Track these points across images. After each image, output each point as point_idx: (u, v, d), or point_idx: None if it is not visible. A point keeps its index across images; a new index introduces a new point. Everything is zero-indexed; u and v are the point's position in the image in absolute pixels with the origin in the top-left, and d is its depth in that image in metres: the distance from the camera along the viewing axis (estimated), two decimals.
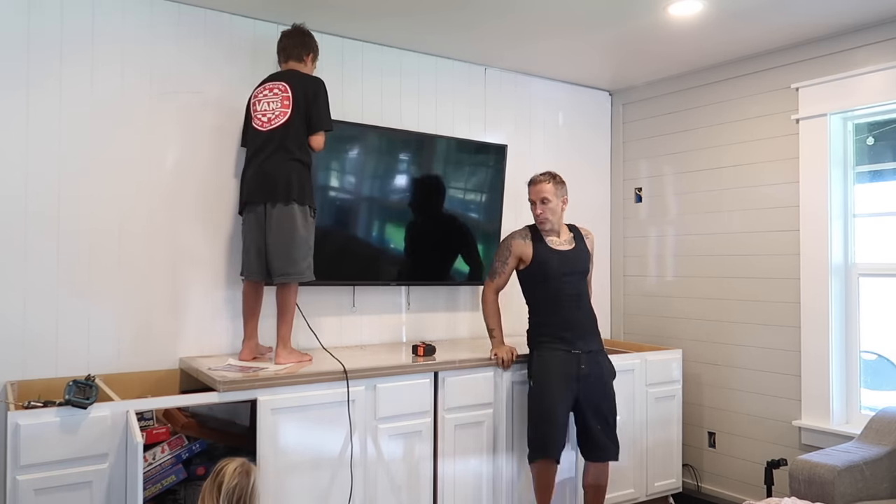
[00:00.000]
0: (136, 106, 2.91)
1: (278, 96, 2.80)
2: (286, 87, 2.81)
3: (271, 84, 2.85)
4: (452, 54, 3.72)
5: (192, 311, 3.02)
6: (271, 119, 2.78)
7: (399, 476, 2.83)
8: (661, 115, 4.20)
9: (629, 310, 4.37)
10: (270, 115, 2.79)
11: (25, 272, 2.67)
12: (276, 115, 2.78)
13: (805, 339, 3.46)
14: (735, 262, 3.79)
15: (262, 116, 2.81)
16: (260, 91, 2.87)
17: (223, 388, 2.45)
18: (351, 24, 3.26)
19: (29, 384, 2.63)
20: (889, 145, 3.35)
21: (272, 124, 2.78)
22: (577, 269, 3.02)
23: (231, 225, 3.12)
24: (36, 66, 2.69)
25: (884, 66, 3.17)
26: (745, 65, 3.74)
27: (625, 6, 3.02)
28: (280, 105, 2.79)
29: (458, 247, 3.64)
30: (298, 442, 2.58)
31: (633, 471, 3.56)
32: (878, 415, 3.00)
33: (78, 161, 2.78)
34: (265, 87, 2.86)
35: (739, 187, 3.77)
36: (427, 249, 3.53)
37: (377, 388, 2.77)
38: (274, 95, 2.81)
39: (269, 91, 2.83)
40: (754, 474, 3.68)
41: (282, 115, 2.77)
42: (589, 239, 3.14)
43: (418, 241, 3.50)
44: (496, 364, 3.03)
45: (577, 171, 4.29)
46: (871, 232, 3.37)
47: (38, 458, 2.15)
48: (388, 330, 3.55)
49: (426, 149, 3.51)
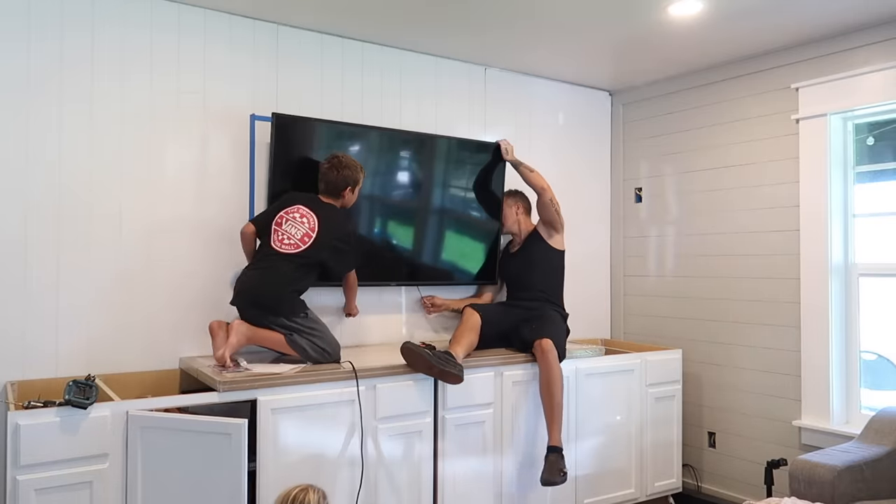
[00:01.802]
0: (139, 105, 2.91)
1: (304, 226, 2.85)
2: (316, 223, 2.87)
3: (304, 209, 2.89)
4: (452, 54, 3.72)
5: (192, 311, 3.02)
6: (284, 242, 2.83)
7: (399, 476, 2.83)
8: (661, 115, 4.20)
9: (629, 310, 4.37)
10: (288, 239, 2.84)
11: (25, 272, 2.68)
12: (292, 243, 2.83)
13: (805, 339, 3.46)
14: (735, 262, 3.79)
15: (282, 236, 2.84)
16: (293, 210, 2.89)
17: (223, 388, 2.45)
18: (351, 24, 3.26)
19: (29, 384, 2.63)
20: (889, 145, 3.35)
21: (283, 248, 2.82)
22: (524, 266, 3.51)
23: (234, 225, 3.11)
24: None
25: (884, 66, 3.17)
26: (745, 65, 3.74)
27: (625, 6, 3.02)
28: (301, 236, 2.84)
29: (457, 246, 3.64)
30: (298, 442, 2.58)
31: (633, 471, 3.56)
32: (878, 415, 3.00)
33: (76, 159, 2.78)
34: (297, 209, 2.89)
35: (740, 187, 3.77)
36: (426, 249, 3.53)
37: (377, 388, 2.77)
38: (301, 223, 2.86)
39: (300, 216, 2.87)
40: (754, 474, 3.68)
41: (297, 246, 2.83)
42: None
43: (417, 240, 3.50)
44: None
45: (577, 171, 4.29)
46: (871, 232, 3.37)
47: (38, 458, 2.15)
48: (388, 330, 3.55)
49: (426, 149, 3.51)
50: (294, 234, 2.84)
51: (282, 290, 2.79)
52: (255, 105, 3.18)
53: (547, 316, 3.32)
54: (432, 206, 3.53)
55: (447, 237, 3.58)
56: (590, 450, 3.40)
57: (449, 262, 3.59)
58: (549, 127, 4.18)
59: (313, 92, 3.33)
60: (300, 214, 2.88)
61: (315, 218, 2.88)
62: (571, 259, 4.17)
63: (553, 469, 2.93)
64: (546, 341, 3.09)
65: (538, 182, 3.44)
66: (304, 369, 2.68)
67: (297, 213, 2.89)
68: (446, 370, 2.80)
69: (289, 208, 2.91)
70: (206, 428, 2.32)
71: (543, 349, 3.07)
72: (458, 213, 3.61)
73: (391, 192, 3.41)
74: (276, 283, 2.78)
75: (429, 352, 2.80)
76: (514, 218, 3.62)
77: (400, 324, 3.59)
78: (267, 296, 2.76)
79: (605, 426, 3.46)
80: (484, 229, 3.68)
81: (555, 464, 2.94)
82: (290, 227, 2.86)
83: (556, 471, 2.93)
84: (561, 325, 3.35)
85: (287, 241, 2.83)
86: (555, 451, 2.97)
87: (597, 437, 3.43)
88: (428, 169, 3.52)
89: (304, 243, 2.83)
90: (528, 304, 3.42)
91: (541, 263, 3.48)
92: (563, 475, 2.94)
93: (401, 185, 3.44)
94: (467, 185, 3.62)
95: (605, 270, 4.45)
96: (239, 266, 3.11)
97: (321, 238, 2.85)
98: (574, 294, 4.16)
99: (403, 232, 3.46)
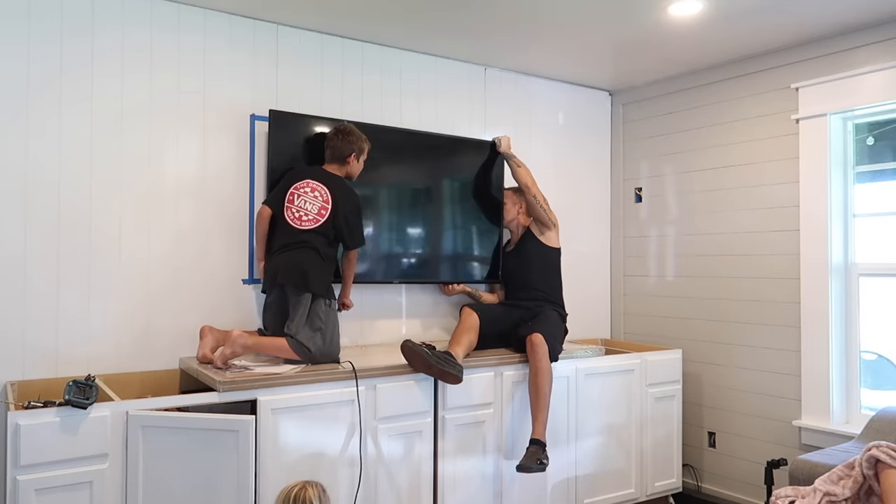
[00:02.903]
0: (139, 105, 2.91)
1: (318, 199, 2.88)
2: (328, 195, 2.89)
3: (314, 183, 2.91)
4: (452, 54, 3.72)
5: (193, 311, 3.02)
6: (303, 220, 2.86)
7: (399, 476, 2.83)
8: (661, 114, 4.20)
9: (629, 310, 4.37)
10: (305, 215, 2.86)
11: (26, 272, 2.68)
12: (310, 219, 2.86)
13: (805, 339, 3.46)
14: (735, 262, 3.79)
15: (297, 212, 2.87)
16: (302, 185, 2.90)
17: (223, 388, 2.45)
18: (351, 24, 3.26)
19: (29, 384, 2.63)
20: (889, 145, 3.35)
21: (303, 225, 2.85)
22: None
23: (233, 225, 3.12)
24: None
25: (884, 66, 3.17)
26: (745, 65, 3.74)
27: (625, 6, 3.02)
28: (318, 210, 2.87)
29: (457, 246, 3.63)
30: (299, 442, 2.58)
31: (634, 471, 3.56)
32: (878, 415, 3.00)
33: (80, 160, 2.78)
34: (307, 183, 2.91)
35: (740, 187, 3.77)
36: (425, 248, 3.53)
37: (377, 388, 2.77)
38: (314, 197, 2.88)
39: (311, 190, 2.89)
40: (754, 474, 3.68)
41: (316, 221, 2.86)
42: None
43: (416, 239, 3.50)
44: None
45: (577, 170, 4.29)
46: (871, 232, 3.37)
47: (38, 458, 2.15)
48: (388, 329, 3.55)
49: (425, 147, 3.51)
50: (310, 209, 2.86)
51: (319, 264, 2.83)
52: (255, 105, 3.18)
53: (544, 315, 3.32)
54: (431, 204, 3.53)
55: (450, 235, 3.58)
56: (590, 450, 3.40)
57: (454, 260, 3.59)
58: (549, 127, 4.18)
59: (313, 92, 3.33)
60: (311, 188, 2.90)
61: (326, 190, 2.90)
62: (572, 259, 4.19)
63: (531, 457, 2.91)
64: (537, 336, 3.10)
65: (523, 178, 3.48)
66: (304, 369, 2.68)
67: (308, 187, 2.90)
68: (445, 370, 2.80)
69: (298, 184, 2.92)
70: (212, 426, 2.32)
71: (533, 343, 3.08)
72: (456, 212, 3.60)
73: (389, 191, 3.41)
74: (313, 259, 2.82)
75: (428, 351, 2.80)
76: (514, 213, 3.62)
77: (400, 324, 3.59)
78: (307, 273, 2.78)
79: (605, 426, 3.46)
80: (487, 227, 3.67)
81: (535, 453, 2.92)
82: (303, 202, 2.87)
83: (534, 459, 2.91)
84: (557, 323, 3.35)
85: (305, 218, 2.86)
86: (536, 443, 2.96)
87: (597, 437, 3.43)
88: (426, 168, 3.52)
89: (322, 216, 2.87)
90: (527, 303, 3.43)
91: (537, 262, 3.49)
92: (540, 464, 2.90)
93: (399, 184, 3.44)
94: (464, 184, 3.62)
95: (605, 270, 4.45)
96: (238, 266, 3.12)
97: (337, 209, 2.89)
98: (574, 294, 4.17)
99: (404, 230, 3.46)
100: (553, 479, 3.26)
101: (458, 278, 3.61)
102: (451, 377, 2.83)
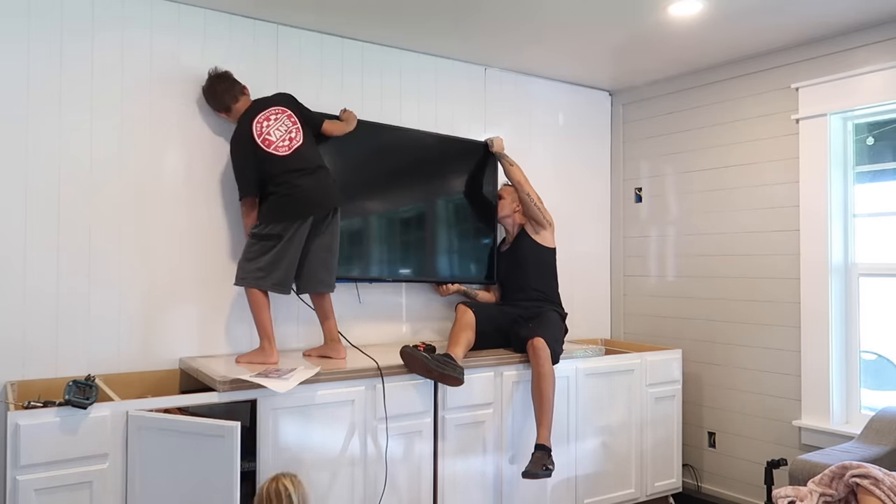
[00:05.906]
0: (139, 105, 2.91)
1: (280, 119, 2.87)
2: (282, 108, 2.91)
3: (265, 113, 2.89)
4: (452, 54, 3.72)
5: (193, 310, 3.02)
6: (290, 142, 2.86)
7: (399, 476, 2.83)
8: (661, 115, 4.20)
9: (629, 310, 4.37)
10: (286, 138, 2.86)
11: (26, 272, 2.68)
12: (293, 137, 2.87)
13: (805, 339, 3.46)
14: (735, 262, 3.79)
15: (281, 142, 2.85)
16: (257, 123, 2.87)
17: (223, 388, 2.45)
18: (351, 24, 3.26)
19: (29, 384, 2.63)
20: (889, 145, 3.35)
21: (294, 145, 2.86)
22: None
23: (234, 225, 3.12)
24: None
25: (884, 66, 3.17)
26: (745, 65, 3.74)
27: (625, 6, 3.02)
28: (290, 125, 2.88)
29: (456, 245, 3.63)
30: (298, 442, 2.58)
31: (634, 471, 3.56)
32: (878, 415, 3.00)
33: (80, 160, 2.78)
34: (261, 117, 2.88)
35: (740, 187, 3.77)
36: (425, 248, 3.52)
37: (377, 388, 2.77)
38: (276, 121, 2.87)
39: (268, 119, 2.88)
40: (754, 474, 3.68)
41: (298, 134, 2.89)
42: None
43: (416, 239, 3.49)
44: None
45: (577, 170, 4.29)
46: (871, 232, 3.37)
47: (38, 458, 2.15)
48: (387, 329, 3.55)
49: (424, 147, 3.50)
50: (285, 134, 2.87)
51: (329, 177, 2.93)
52: None
53: (545, 315, 3.31)
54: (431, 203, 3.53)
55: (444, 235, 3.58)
56: (590, 450, 3.40)
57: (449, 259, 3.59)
58: (549, 127, 4.18)
59: (313, 91, 3.33)
60: (265, 118, 2.88)
61: (278, 106, 2.92)
62: (572, 259, 4.19)
63: (537, 463, 2.89)
64: (538, 340, 3.08)
65: (515, 176, 3.47)
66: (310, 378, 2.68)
67: (263, 119, 2.89)
68: (446, 373, 2.79)
69: (255, 121, 2.87)
70: (200, 430, 2.31)
71: (535, 348, 3.06)
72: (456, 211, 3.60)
73: (388, 190, 3.41)
74: (325, 177, 2.90)
75: (427, 356, 2.79)
76: (510, 209, 3.59)
77: (401, 324, 3.59)
78: (329, 188, 2.90)
79: (605, 426, 3.46)
80: (482, 227, 3.67)
81: (540, 459, 2.91)
82: (273, 131, 2.87)
83: (539, 465, 2.89)
84: (558, 323, 3.34)
85: (287, 144, 2.86)
86: (542, 449, 2.94)
87: (597, 437, 3.43)
88: (425, 167, 3.52)
89: (299, 132, 2.90)
90: (525, 304, 3.42)
91: (532, 261, 3.48)
92: (546, 470, 2.89)
93: (398, 183, 3.44)
94: (463, 183, 3.62)
95: (605, 270, 4.45)
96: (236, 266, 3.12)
97: (300, 118, 2.94)
98: (574, 294, 4.17)
99: (399, 230, 3.45)
100: (553, 479, 3.26)
101: (453, 278, 3.61)
102: (452, 380, 2.82)
